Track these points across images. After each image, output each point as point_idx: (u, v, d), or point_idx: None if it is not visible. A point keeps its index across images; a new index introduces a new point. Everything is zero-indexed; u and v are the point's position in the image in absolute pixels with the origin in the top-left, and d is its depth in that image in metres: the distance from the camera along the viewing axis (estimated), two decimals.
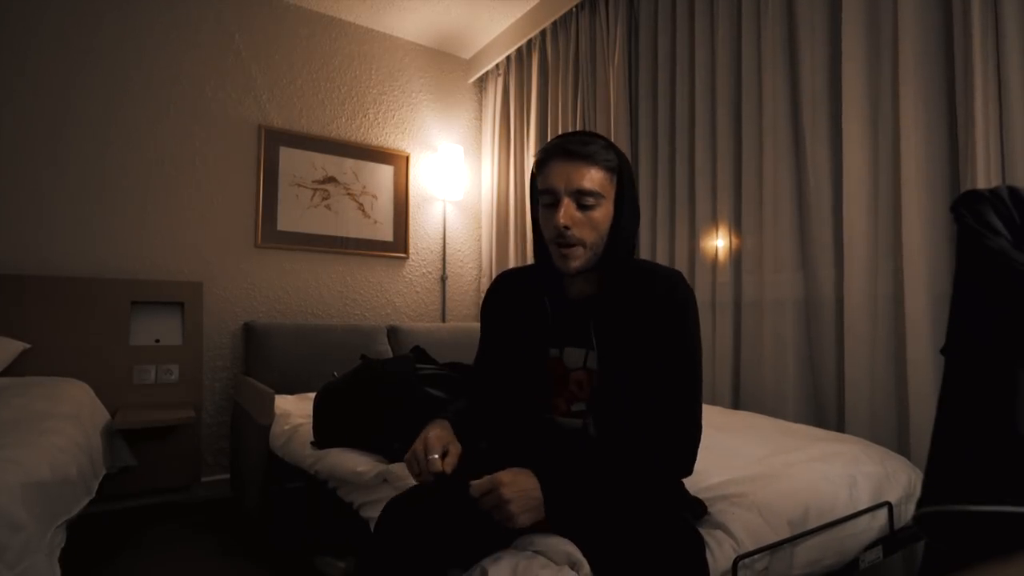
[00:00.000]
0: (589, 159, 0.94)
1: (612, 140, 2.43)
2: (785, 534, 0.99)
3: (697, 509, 1.00)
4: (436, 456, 0.87)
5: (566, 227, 0.92)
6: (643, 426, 0.91)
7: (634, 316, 0.96)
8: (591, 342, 0.98)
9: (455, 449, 0.91)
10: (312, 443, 1.67)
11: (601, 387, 0.96)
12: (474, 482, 0.80)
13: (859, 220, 1.65)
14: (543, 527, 0.87)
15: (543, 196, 0.97)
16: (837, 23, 1.74)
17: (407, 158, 3.23)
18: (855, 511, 1.11)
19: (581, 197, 0.93)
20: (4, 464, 1.09)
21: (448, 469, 0.87)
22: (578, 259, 0.95)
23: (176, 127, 2.59)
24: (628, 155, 2.44)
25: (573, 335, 1.00)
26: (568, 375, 0.99)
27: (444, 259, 3.34)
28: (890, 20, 1.61)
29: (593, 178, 0.93)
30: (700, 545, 0.85)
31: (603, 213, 0.95)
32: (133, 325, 2.38)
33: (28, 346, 2.10)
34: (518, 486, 0.80)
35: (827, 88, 1.78)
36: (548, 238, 0.98)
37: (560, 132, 2.80)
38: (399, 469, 1.27)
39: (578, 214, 0.93)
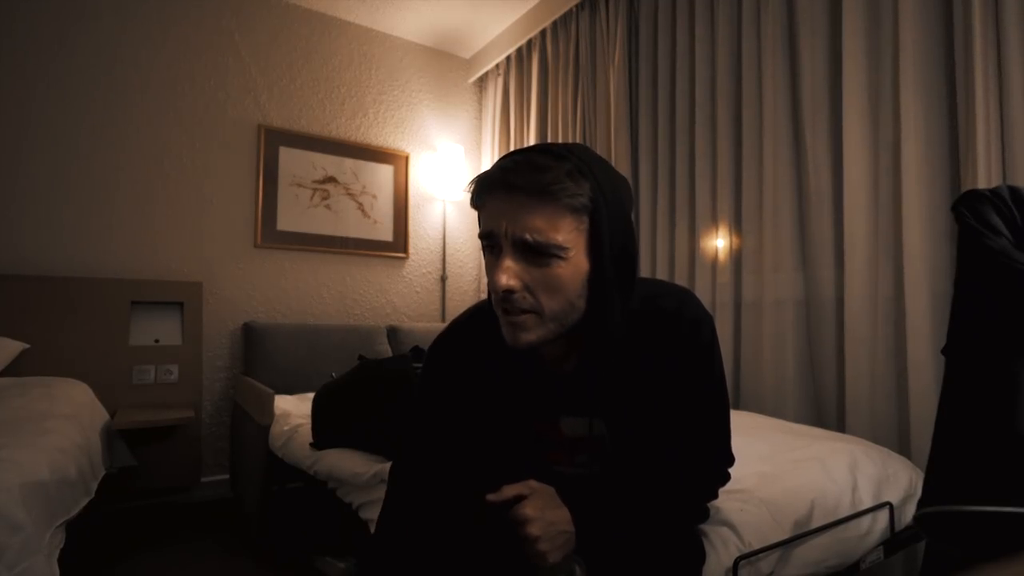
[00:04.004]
0: (542, 194, 0.64)
1: (611, 141, 2.47)
2: (791, 532, 0.99)
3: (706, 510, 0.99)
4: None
5: (508, 289, 0.67)
6: (673, 461, 0.80)
7: (648, 373, 0.77)
8: (593, 409, 0.80)
9: None
10: (311, 444, 1.67)
11: (616, 451, 0.82)
12: (491, 497, 0.71)
13: (859, 220, 1.65)
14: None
15: (483, 239, 0.71)
16: (837, 22, 1.74)
17: (407, 158, 3.23)
18: (857, 511, 1.11)
19: (530, 248, 0.66)
20: (3, 464, 1.09)
21: None
22: (529, 331, 0.70)
23: (175, 127, 2.59)
24: (627, 155, 2.43)
25: (566, 403, 0.81)
26: (568, 442, 0.83)
27: (444, 259, 3.34)
28: (890, 19, 1.60)
29: (548, 223, 0.65)
30: (699, 559, 0.83)
31: (569, 271, 0.67)
32: (133, 325, 2.38)
33: (28, 346, 2.09)
34: (546, 521, 0.69)
35: (827, 87, 1.78)
36: (493, 298, 0.72)
37: (560, 132, 2.79)
38: None
39: (527, 271, 0.67)
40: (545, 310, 0.69)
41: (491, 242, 0.69)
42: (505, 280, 0.66)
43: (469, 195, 0.73)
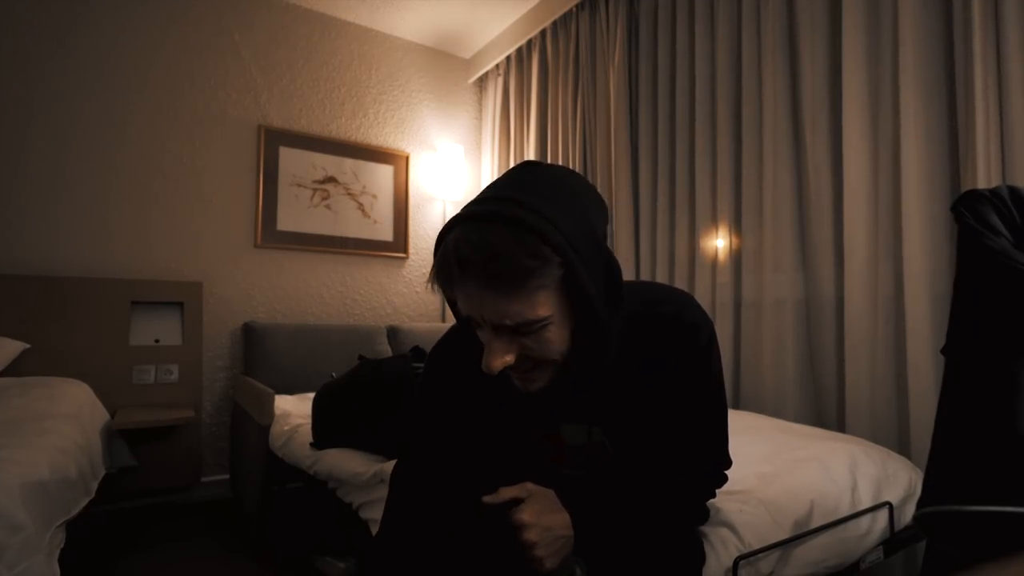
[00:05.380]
0: (510, 289, 0.63)
1: (611, 141, 2.46)
2: (791, 532, 0.99)
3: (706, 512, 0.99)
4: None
5: (503, 367, 0.68)
6: (672, 465, 0.81)
7: (646, 378, 0.78)
8: (593, 416, 0.80)
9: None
10: (311, 443, 1.67)
11: (618, 455, 0.82)
12: (488, 498, 0.71)
13: (859, 220, 1.65)
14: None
15: (463, 322, 0.72)
16: (837, 22, 1.74)
17: (407, 158, 3.23)
18: (857, 511, 1.11)
19: (514, 328, 0.66)
20: (4, 464, 1.09)
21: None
22: (536, 381, 0.72)
23: (175, 127, 2.59)
24: (627, 155, 2.43)
25: (566, 410, 0.81)
26: (567, 449, 0.83)
27: None
28: (890, 19, 1.60)
29: (525, 306, 0.64)
30: (699, 560, 0.84)
31: (557, 329, 0.67)
32: (133, 325, 2.38)
33: (28, 346, 2.09)
34: (543, 526, 0.69)
35: (827, 88, 1.78)
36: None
37: (560, 133, 2.79)
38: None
39: (516, 340, 0.67)
40: (545, 362, 0.70)
41: (473, 323, 0.69)
42: (496, 363, 0.67)
43: (435, 282, 0.70)
